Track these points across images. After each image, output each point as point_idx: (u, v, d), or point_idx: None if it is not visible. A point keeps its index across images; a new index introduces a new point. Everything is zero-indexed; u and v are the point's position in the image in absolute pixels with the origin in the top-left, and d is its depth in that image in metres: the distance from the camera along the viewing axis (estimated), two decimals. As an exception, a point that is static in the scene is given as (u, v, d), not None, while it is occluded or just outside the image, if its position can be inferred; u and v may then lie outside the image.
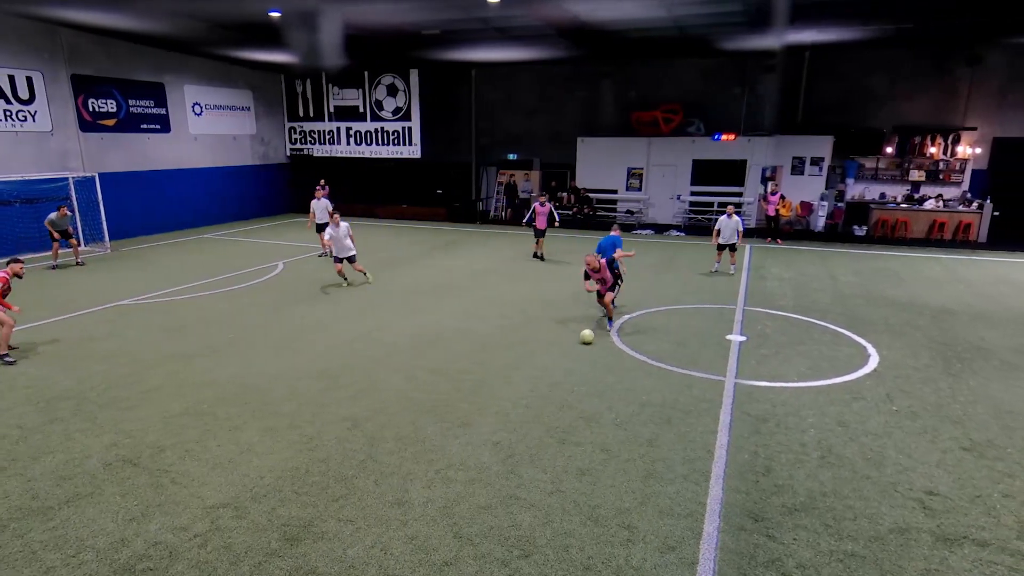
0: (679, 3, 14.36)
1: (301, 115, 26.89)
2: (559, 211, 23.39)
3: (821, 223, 21.07)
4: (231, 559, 4.82)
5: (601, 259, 10.65)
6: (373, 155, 26.12)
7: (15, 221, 16.34)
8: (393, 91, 25.10)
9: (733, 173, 21.97)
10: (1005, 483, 5.93)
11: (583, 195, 23.49)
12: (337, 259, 13.83)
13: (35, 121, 17.72)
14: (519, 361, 9.19)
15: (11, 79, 17.00)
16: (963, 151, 20.07)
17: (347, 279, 13.85)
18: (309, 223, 17.55)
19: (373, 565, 4.76)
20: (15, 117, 17.22)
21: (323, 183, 21.20)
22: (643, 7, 14.85)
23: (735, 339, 10.19)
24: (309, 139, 27.04)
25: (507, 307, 12.18)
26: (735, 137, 21.51)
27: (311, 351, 9.61)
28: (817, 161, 21.07)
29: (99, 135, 19.52)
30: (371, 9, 15.46)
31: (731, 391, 8.09)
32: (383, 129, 25.64)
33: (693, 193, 22.56)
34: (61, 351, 9.61)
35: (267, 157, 26.46)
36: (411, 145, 25.30)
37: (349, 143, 26.38)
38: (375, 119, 25.72)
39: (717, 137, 21.62)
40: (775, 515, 5.41)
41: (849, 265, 16.32)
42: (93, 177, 18.18)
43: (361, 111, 25.88)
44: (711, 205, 22.35)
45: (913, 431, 6.99)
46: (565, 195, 23.97)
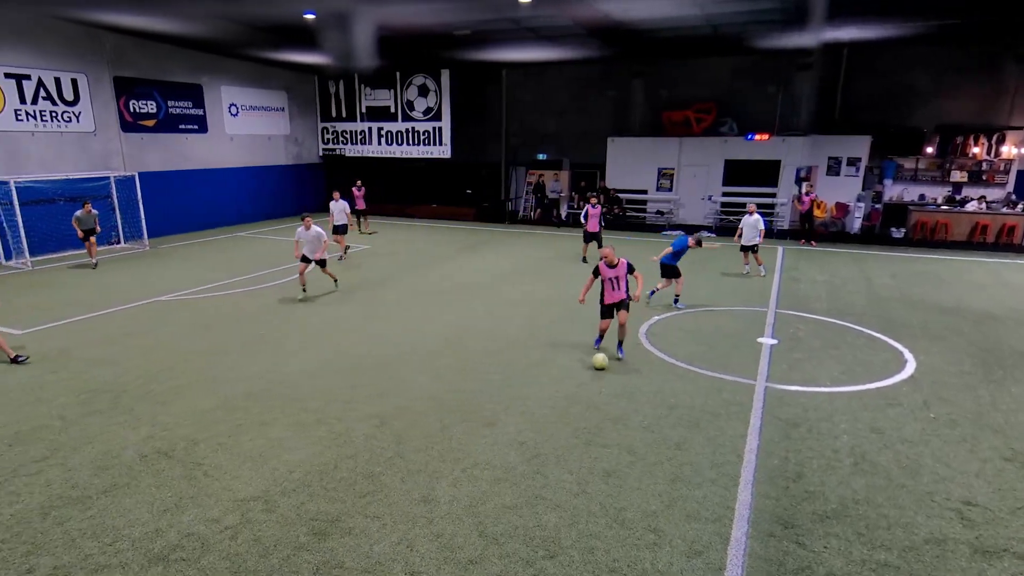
0: (713, 1, 14.17)
1: (334, 115, 27.25)
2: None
3: (857, 225, 20.59)
4: (260, 552, 4.91)
5: (618, 258, 9.44)
6: (404, 155, 26.34)
7: (60, 219, 16.86)
8: (424, 91, 25.28)
9: (766, 173, 21.60)
10: (1049, 495, 5.73)
11: (613, 195, 23.34)
12: (304, 259, 12.59)
13: (79, 122, 18.28)
14: (546, 361, 9.18)
15: (57, 81, 17.57)
16: (1008, 151, 19.39)
17: (305, 290, 12.64)
18: (329, 226, 17.43)
19: (399, 562, 4.80)
20: (60, 118, 17.79)
21: (359, 184, 21.43)
22: (676, 5, 14.69)
23: (766, 342, 10.02)
24: (341, 139, 27.39)
25: (534, 307, 12.17)
26: (769, 137, 21.14)
27: (340, 349, 9.73)
28: (854, 161, 20.58)
29: (139, 135, 20.05)
30: (404, 10, 15.59)
31: (762, 395, 7.96)
32: (414, 129, 25.84)
33: (725, 194, 22.23)
34: (101, 345, 9.89)
35: (300, 157, 26.87)
36: (441, 145, 25.46)
37: (380, 143, 26.64)
38: (406, 119, 25.93)
39: (750, 137, 21.28)
40: (806, 522, 5.31)
41: (886, 268, 15.93)
42: (133, 176, 18.69)
43: (392, 111, 26.12)
44: (743, 206, 21.99)
45: (951, 439, 6.79)
46: (594, 196, 23.82)
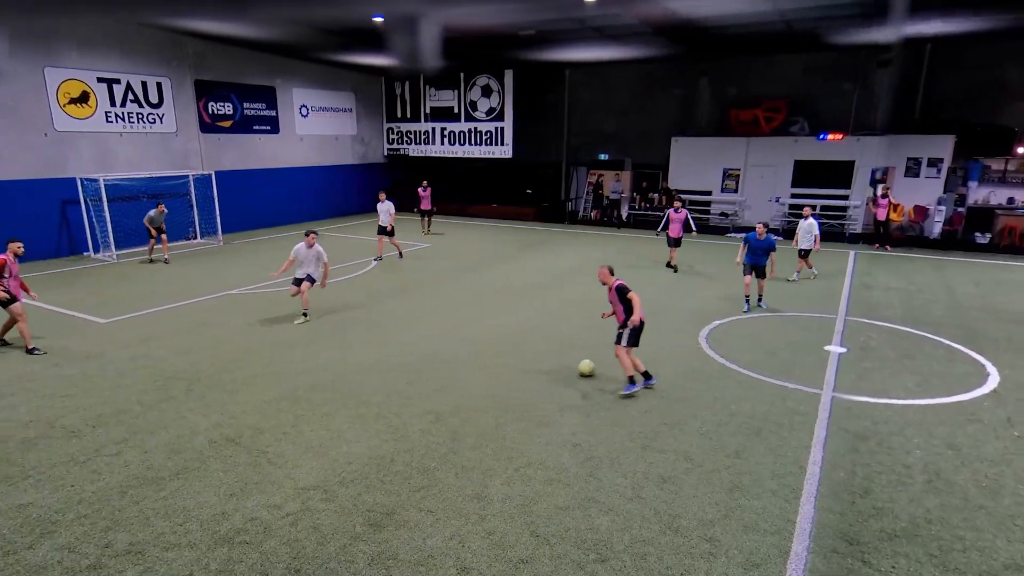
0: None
1: (399, 116, 27.83)
2: (650, 212, 23.01)
3: (937, 229, 19.50)
4: (319, 539, 5.06)
5: (616, 279, 8.38)
6: (466, 155, 26.64)
7: (142, 215, 17.84)
8: (487, 92, 25.49)
9: (839, 175, 20.73)
10: None
11: (675, 196, 22.89)
12: (296, 280, 11.26)
13: (162, 123, 19.31)
14: (602, 363, 9.09)
15: (144, 85, 18.61)
16: (1110, 152, 17.98)
17: (306, 315, 11.39)
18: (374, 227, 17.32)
19: (451, 556, 4.86)
20: (146, 119, 18.84)
21: (425, 184, 21.78)
22: (748, 1, 14.29)
23: (834, 350, 9.63)
24: (405, 139, 27.93)
25: (592, 308, 12.06)
26: (843, 137, 20.29)
27: (399, 345, 9.92)
28: (935, 162, 19.51)
29: (216, 136, 21.01)
30: (470, 11, 15.76)
31: (828, 405, 7.65)
32: (476, 129, 26.09)
33: (793, 195, 21.47)
34: (177, 336, 10.42)
35: (366, 157, 27.57)
36: (503, 145, 25.61)
37: (443, 143, 27.03)
38: (469, 119, 26.21)
39: (823, 136, 20.47)
40: (872, 539, 5.07)
41: (968, 275, 15.03)
42: (210, 175, 19.63)
43: (456, 112, 26.45)
44: (813, 208, 21.18)
45: (1038, 460, 6.35)
46: (656, 196, 23.48)
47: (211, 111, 20.68)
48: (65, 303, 12.33)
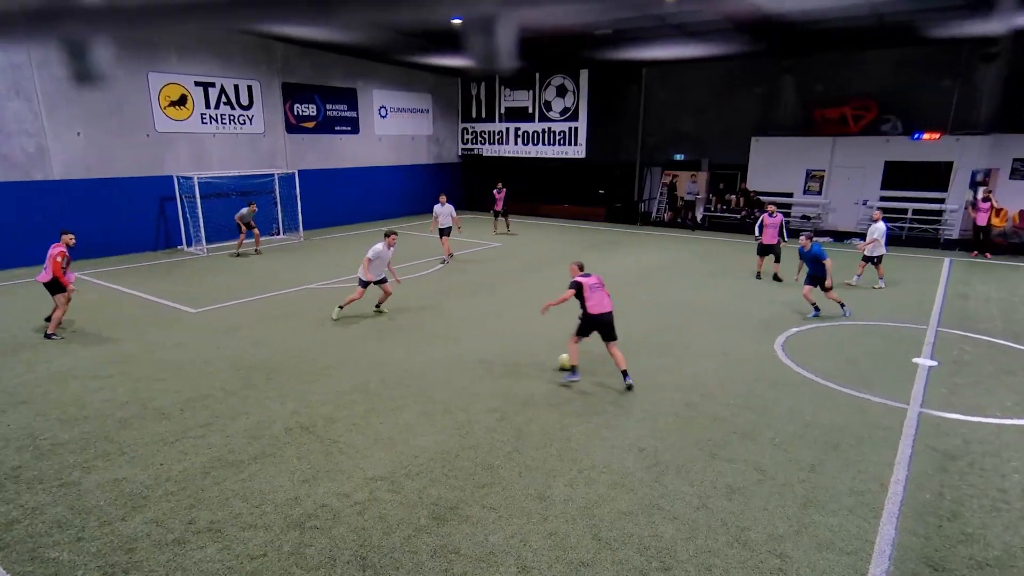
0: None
1: (474, 116, 28.19)
2: (726, 214, 22.36)
3: (1047, 236, 18.00)
4: (384, 529, 5.20)
5: (584, 276, 8.28)
6: (539, 155, 26.69)
7: (231, 211, 18.85)
8: (562, 92, 25.45)
9: (934, 177, 19.48)
10: None
11: (753, 198, 22.16)
12: (364, 282, 11.10)
13: (251, 124, 20.32)
14: (670, 367, 8.91)
15: (236, 88, 19.65)
16: None
17: (382, 307, 11.70)
18: (431, 227, 17.39)
19: (511, 555, 4.88)
20: (237, 121, 19.89)
21: (500, 186, 21.98)
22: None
23: (923, 363, 9.05)
24: (480, 139, 28.25)
25: (662, 311, 11.85)
26: (940, 136, 19.04)
27: (467, 342, 10.05)
28: (1046, 164, 18.01)
29: (300, 136, 21.93)
30: (548, 12, 15.76)
31: (914, 421, 7.21)
32: (550, 129, 26.10)
33: (883, 198, 20.31)
34: (259, 326, 10.93)
35: (440, 157, 28.07)
36: (576, 145, 25.51)
37: (517, 143, 27.18)
38: (543, 120, 26.25)
39: (918, 136, 19.28)
40: (960, 567, 4.74)
41: (1082, 287, 13.80)
42: (293, 174, 20.52)
43: (530, 112, 26.55)
44: (904, 212, 20.01)
45: None
46: (733, 197, 22.78)
47: (296, 112, 21.60)
48: (160, 293, 13.19)
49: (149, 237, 18.23)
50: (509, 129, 27.26)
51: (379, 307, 11.70)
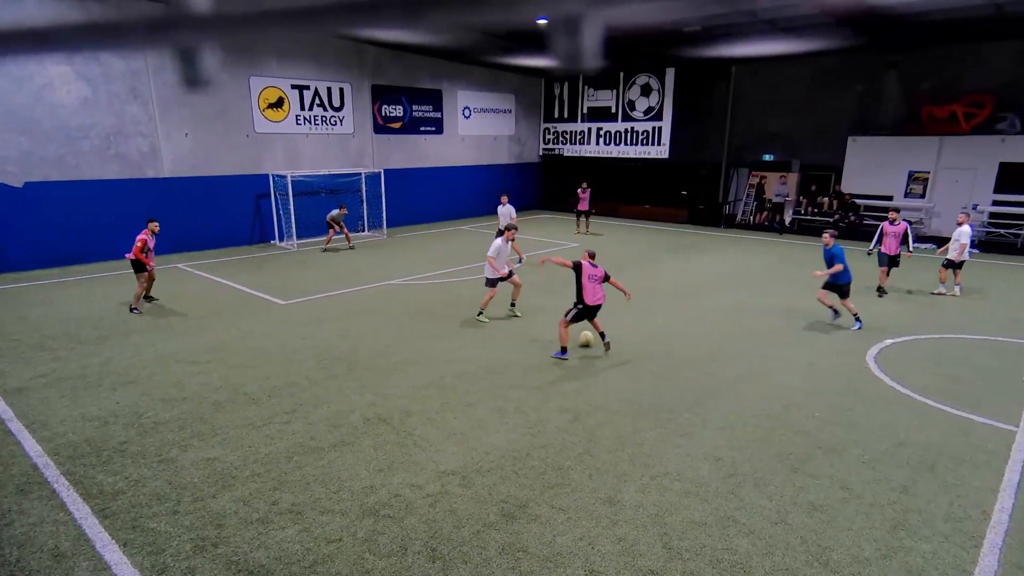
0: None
1: (556, 116, 28.17)
2: (817, 217, 21.30)
3: None
4: (454, 523, 5.29)
5: (592, 266, 9.30)
6: (620, 155, 26.36)
7: (320, 208, 19.69)
8: (647, 91, 25.03)
9: (1058, 180, 17.81)
10: None
11: (848, 201, 20.99)
12: (493, 280, 11.15)
13: (342, 125, 21.15)
14: (752, 376, 8.59)
15: (328, 90, 20.51)
16: None
17: (514, 305, 11.69)
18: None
19: (579, 557, 4.85)
20: (328, 122, 20.75)
21: (584, 186, 21.89)
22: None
23: (1038, 383, 8.30)
24: (561, 139, 28.21)
25: (745, 317, 11.43)
26: (1065, 135, 17.37)
27: (542, 342, 10.06)
28: None
29: (387, 136, 22.63)
30: (636, 10, 15.53)
31: (1025, 445, 6.63)
32: (633, 129, 25.72)
33: (996, 203, 18.77)
34: (342, 319, 11.37)
35: (521, 156, 28.23)
36: (659, 145, 25.01)
37: (598, 143, 26.95)
38: (626, 119, 25.90)
39: (1038, 135, 17.68)
40: (1073, 609, 4.32)
41: None
42: (379, 173, 21.19)
43: (613, 111, 26.26)
44: (1022, 218, 18.40)
45: None
46: (826, 200, 21.66)
47: (384, 113, 22.30)
48: (253, 285, 13.96)
49: (245, 232, 19.32)
50: (591, 129, 27.06)
51: (513, 305, 11.63)
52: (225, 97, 18.08)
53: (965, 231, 12.62)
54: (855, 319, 10.74)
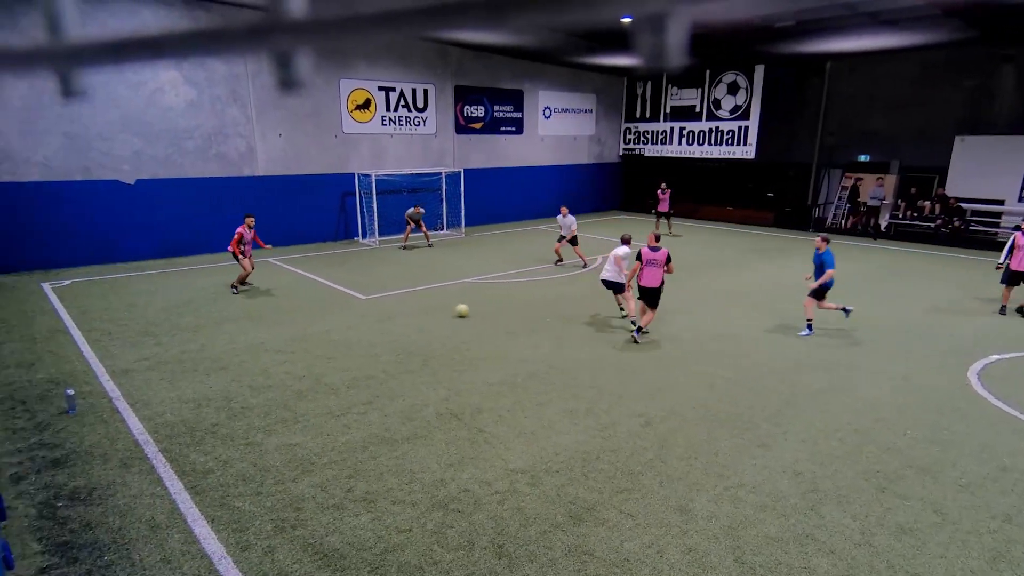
0: None
1: (637, 116, 27.72)
2: (918, 222, 19.98)
3: None
4: (522, 521, 5.32)
5: (652, 250, 10.34)
6: (704, 155, 25.64)
7: (401, 206, 20.23)
8: (734, 89, 24.23)
9: None
10: None
11: (953, 205, 19.54)
12: (620, 285, 10.97)
13: (425, 125, 21.66)
14: (839, 387, 8.16)
15: (413, 91, 21.05)
16: None
17: (623, 310, 11.46)
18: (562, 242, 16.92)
19: (647, 565, 4.77)
20: (412, 122, 21.30)
21: (664, 186, 21.49)
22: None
23: None
24: (642, 139, 27.74)
25: (833, 325, 10.87)
26: None
27: (617, 345, 9.94)
28: None
29: (468, 136, 22.98)
30: (725, 6, 15.09)
31: None
32: (718, 128, 24.96)
33: None
34: (419, 315, 11.64)
35: (601, 156, 27.97)
36: (745, 145, 24.15)
37: (681, 143, 26.32)
38: (711, 118, 25.17)
39: None
40: None
41: None
42: (459, 172, 21.56)
43: (697, 111, 25.57)
44: None
45: None
46: (927, 204, 20.27)
47: (466, 114, 22.66)
48: (336, 279, 14.51)
49: (331, 228, 20.12)
50: (673, 128, 26.46)
51: (622, 308, 11.38)
52: (316, 99, 18.89)
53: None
54: (807, 325, 10.39)
